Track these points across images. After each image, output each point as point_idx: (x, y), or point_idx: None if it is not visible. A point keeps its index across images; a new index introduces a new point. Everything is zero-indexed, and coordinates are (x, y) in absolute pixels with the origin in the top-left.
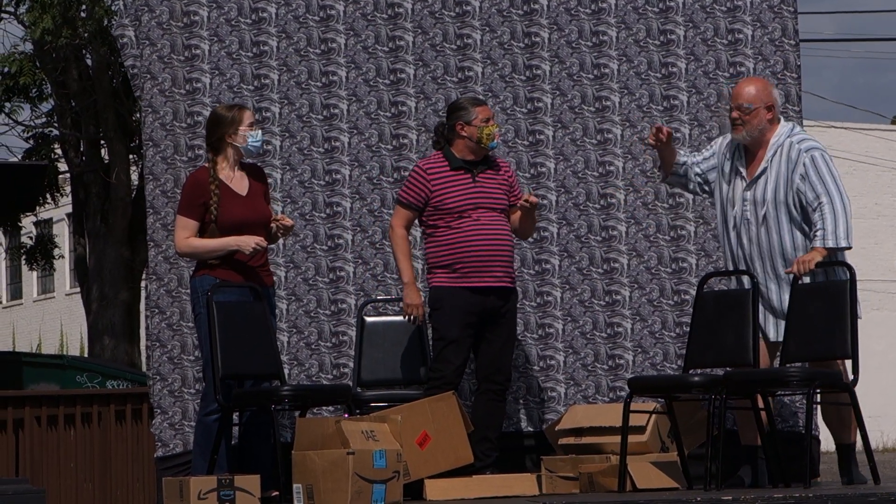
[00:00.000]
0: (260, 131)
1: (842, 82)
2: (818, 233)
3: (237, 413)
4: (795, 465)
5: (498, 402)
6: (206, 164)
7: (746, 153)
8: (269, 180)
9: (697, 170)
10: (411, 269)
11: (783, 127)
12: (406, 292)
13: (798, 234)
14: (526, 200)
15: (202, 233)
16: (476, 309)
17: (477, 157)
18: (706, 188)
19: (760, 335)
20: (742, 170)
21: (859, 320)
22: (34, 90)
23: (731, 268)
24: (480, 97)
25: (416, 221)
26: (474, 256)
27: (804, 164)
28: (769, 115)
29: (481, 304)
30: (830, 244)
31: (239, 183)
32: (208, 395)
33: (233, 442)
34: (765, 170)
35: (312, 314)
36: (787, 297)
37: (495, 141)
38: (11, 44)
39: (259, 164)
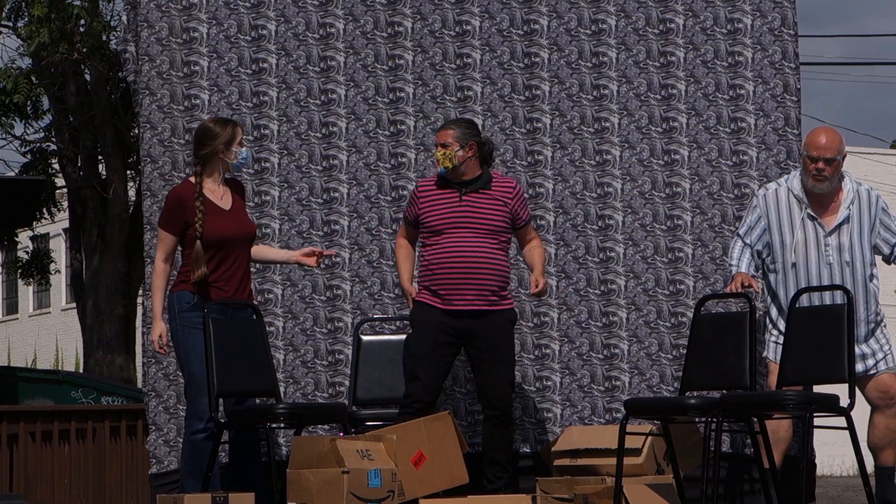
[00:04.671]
0: (246, 148)
1: (846, 106)
2: None
3: (227, 431)
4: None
5: (501, 428)
6: (192, 179)
7: (811, 200)
8: (267, 198)
9: (759, 248)
10: (407, 272)
11: (846, 175)
12: (406, 295)
13: (875, 271)
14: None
15: (185, 247)
16: (447, 329)
17: (468, 178)
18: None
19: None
20: (814, 215)
21: None
22: (29, 107)
23: (783, 310)
24: (448, 120)
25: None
26: (446, 277)
27: (882, 209)
28: (842, 166)
29: (453, 325)
30: None
31: (224, 198)
32: (192, 415)
33: (224, 460)
34: (847, 217)
35: (309, 332)
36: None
37: (441, 168)
38: (9, 58)
39: (256, 180)
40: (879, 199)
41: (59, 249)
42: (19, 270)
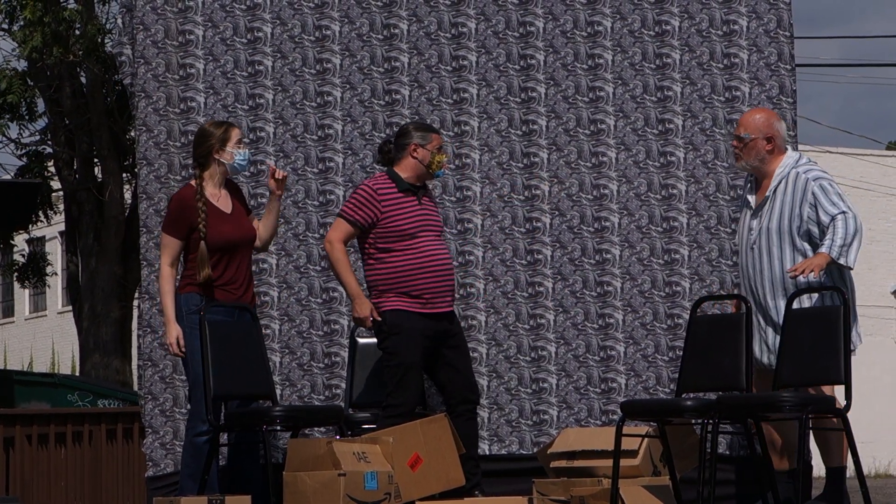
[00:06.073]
0: (247, 151)
1: (844, 107)
2: (826, 241)
3: (225, 433)
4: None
5: (475, 420)
6: (192, 182)
7: (756, 182)
8: (263, 200)
9: None
10: (356, 281)
11: (788, 158)
12: (358, 304)
13: (800, 260)
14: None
15: (188, 251)
16: (431, 333)
17: (419, 182)
18: None
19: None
20: (750, 199)
21: (859, 345)
22: (24, 108)
23: (744, 292)
24: (434, 125)
25: (357, 244)
26: (428, 282)
27: (814, 193)
28: (769, 147)
29: (435, 328)
30: (834, 254)
31: (224, 201)
32: (197, 416)
33: (221, 463)
34: (767, 199)
35: (305, 335)
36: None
37: (442, 170)
38: (4, 59)
39: (252, 183)
40: (810, 184)
41: (56, 252)
42: (15, 273)
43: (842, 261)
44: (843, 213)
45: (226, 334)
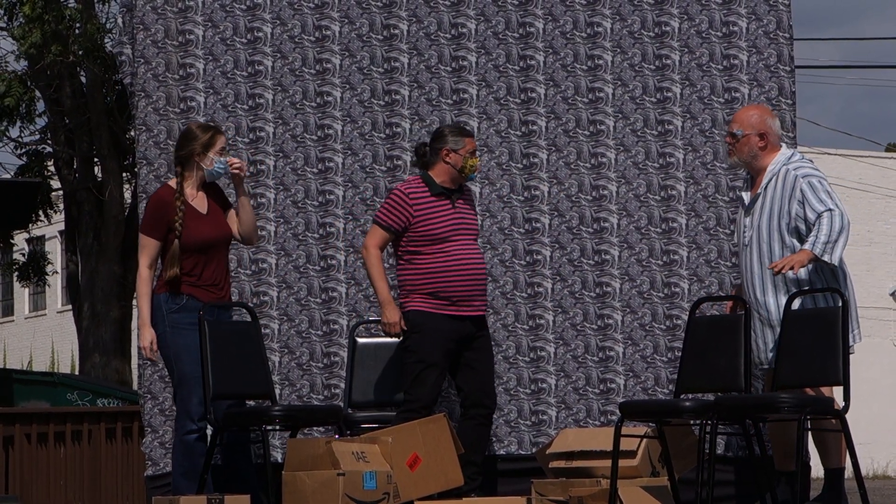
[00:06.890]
0: (225, 159)
1: (843, 109)
2: (810, 238)
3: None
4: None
5: (486, 427)
6: (170, 183)
7: (751, 179)
8: (263, 200)
9: None
10: (388, 287)
11: (781, 155)
12: (387, 310)
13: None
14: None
15: (166, 252)
16: (455, 336)
17: (453, 186)
18: None
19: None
20: (744, 196)
21: (856, 345)
22: (23, 109)
23: (747, 290)
24: (468, 128)
25: (392, 247)
26: (456, 285)
27: (802, 190)
28: (761, 143)
29: (459, 331)
30: (817, 251)
31: (200, 202)
32: (184, 415)
33: (216, 461)
34: (759, 196)
35: (304, 334)
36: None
37: (476, 174)
38: (3, 59)
39: (252, 183)
40: (799, 181)
41: (55, 251)
42: (16, 272)
43: (825, 258)
44: (830, 210)
45: (216, 333)
